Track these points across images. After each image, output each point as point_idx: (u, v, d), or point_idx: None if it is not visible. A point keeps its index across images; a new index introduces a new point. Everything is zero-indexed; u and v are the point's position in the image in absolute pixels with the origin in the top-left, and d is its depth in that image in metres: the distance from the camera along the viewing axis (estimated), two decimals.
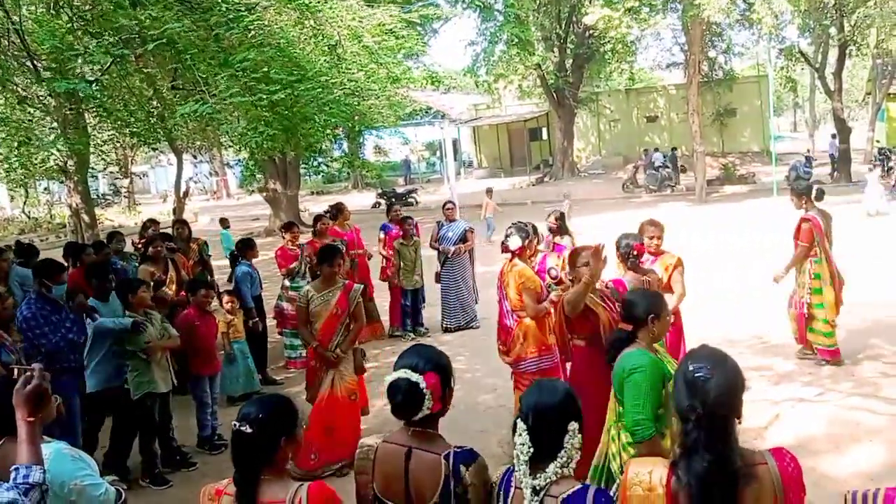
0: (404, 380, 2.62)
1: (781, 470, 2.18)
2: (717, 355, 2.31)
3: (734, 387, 2.22)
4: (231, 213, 32.81)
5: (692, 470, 2.14)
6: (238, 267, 8.64)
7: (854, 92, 47.04)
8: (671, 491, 2.20)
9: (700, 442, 2.15)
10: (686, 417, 2.19)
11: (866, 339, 7.91)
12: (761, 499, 2.15)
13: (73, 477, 2.96)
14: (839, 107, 26.76)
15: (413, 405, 2.61)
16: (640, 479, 2.26)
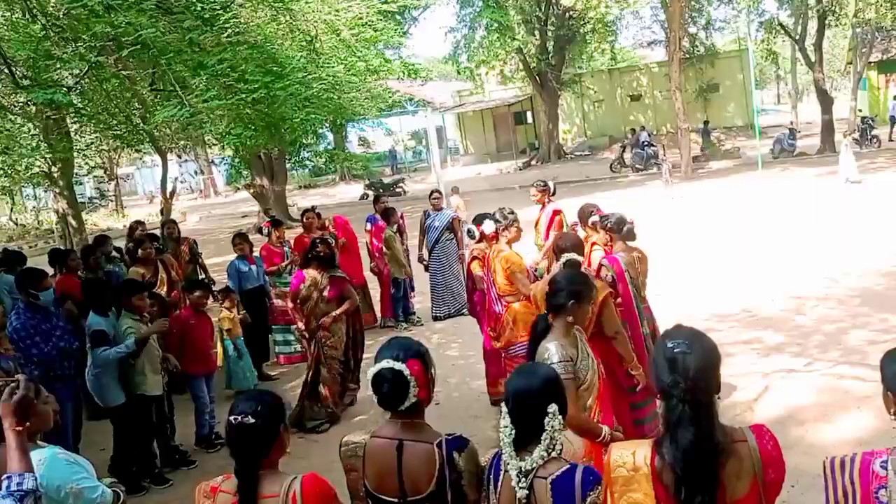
0: (388, 369, 2.64)
1: (761, 447, 2.21)
2: (693, 332, 2.34)
3: (713, 361, 2.25)
4: (220, 211, 32.83)
5: (678, 445, 2.17)
6: (230, 265, 8.69)
7: (835, 62, 47.14)
8: (655, 469, 2.23)
9: (685, 417, 2.18)
10: (669, 394, 2.21)
11: (853, 308, 7.99)
12: (741, 475, 2.18)
13: (69, 480, 3.01)
14: (821, 77, 26.83)
15: (400, 393, 2.63)
16: (623, 460, 2.29)
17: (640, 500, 2.24)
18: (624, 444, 2.35)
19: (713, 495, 2.16)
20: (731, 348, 7.42)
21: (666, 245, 12.10)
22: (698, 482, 2.15)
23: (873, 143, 24.34)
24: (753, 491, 2.18)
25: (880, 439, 5.02)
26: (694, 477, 2.15)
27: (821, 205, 15.25)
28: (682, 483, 2.17)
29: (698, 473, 2.15)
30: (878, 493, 2.07)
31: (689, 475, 2.16)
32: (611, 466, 2.29)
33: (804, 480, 4.63)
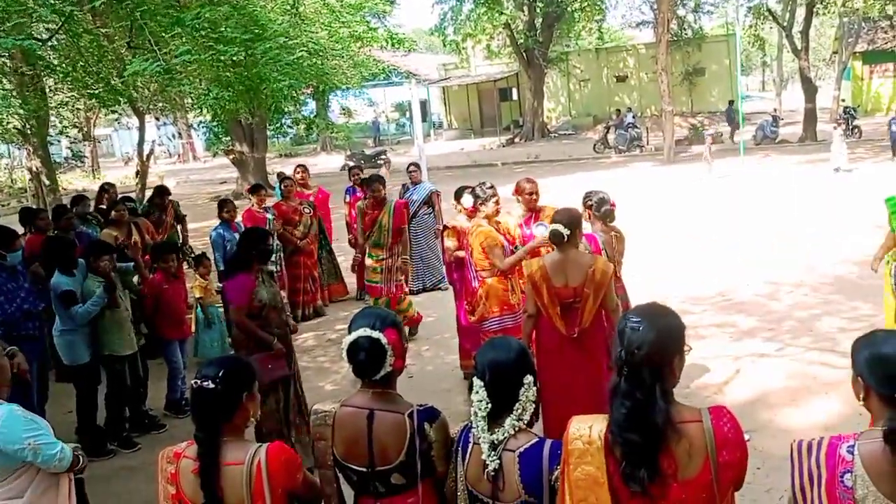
0: (365, 337, 2.61)
1: (716, 428, 2.18)
2: (655, 309, 2.32)
3: (662, 340, 2.21)
4: (198, 177, 32.53)
5: (613, 418, 2.19)
6: (214, 230, 8.57)
7: (821, 51, 47.41)
8: (608, 443, 2.23)
9: (622, 391, 2.18)
10: (616, 367, 2.23)
11: (826, 295, 8.06)
12: (692, 455, 2.17)
13: (25, 437, 2.99)
14: (806, 65, 26.89)
15: (376, 362, 2.61)
16: (580, 433, 2.29)
17: (593, 472, 2.24)
18: (583, 418, 2.35)
19: (653, 471, 2.15)
20: (704, 331, 7.48)
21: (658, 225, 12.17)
22: (637, 457, 2.16)
23: (855, 134, 24.49)
24: (705, 471, 2.17)
25: (847, 424, 5.08)
26: (631, 451, 2.16)
27: (802, 192, 15.35)
28: (623, 457, 2.18)
29: (635, 448, 2.15)
30: (843, 477, 2.06)
31: (626, 449, 2.17)
32: (568, 439, 2.29)
33: (771, 462, 4.69)
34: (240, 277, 5.12)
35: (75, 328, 5.82)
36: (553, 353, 4.61)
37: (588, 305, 4.47)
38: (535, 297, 4.59)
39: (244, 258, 5.21)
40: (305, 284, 9.35)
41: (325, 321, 9.28)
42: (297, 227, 9.22)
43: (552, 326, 4.59)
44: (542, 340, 4.69)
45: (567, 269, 4.52)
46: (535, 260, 4.85)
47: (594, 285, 4.46)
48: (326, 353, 8.06)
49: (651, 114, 33.88)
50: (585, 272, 4.47)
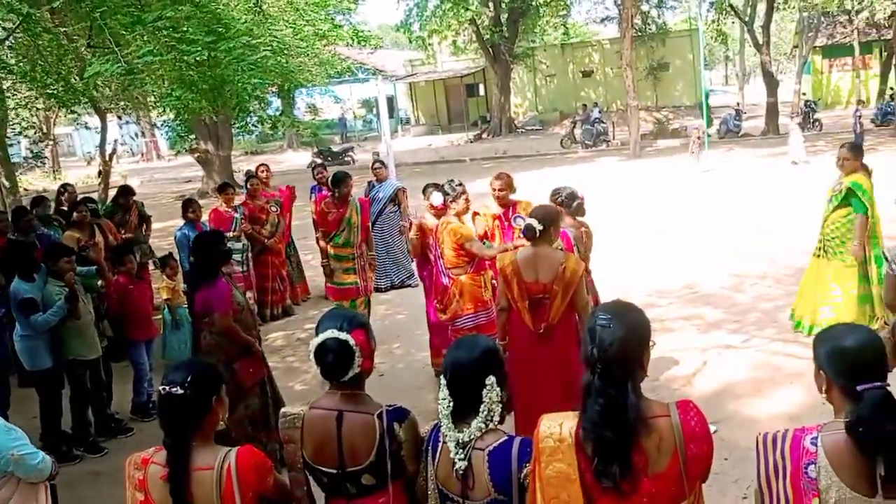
0: (332, 339, 2.59)
1: (684, 422, 2.22)
2: (621, 307, 2.35)
3: (632, 337, 2.24)
4: (162, 176, 32.10)
5: (587, 416, 2.21)
6: (179, 230, 8.44)
7: (782, 45, 48.05)
8: (579, 440, 2.25)
9: (595, 388, 2.20)
10: (591, 368, 2.24)
11: (788, 287, 8.19)
12: (662, 449, 2.20)
13: (9, 447, 2.96)
14: (767, 60, 27.31)
15: (344, 363, 2.59)
16: (551, 431, 2.30)
17: (564, 469, 2.25)
18: (553, 416, 2.37)
19: (626, 467, 2.18)
20: (671, 324, 7.57)
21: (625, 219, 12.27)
22: (610, 453, 2.18)
23: (815, 127, 24.94)
24: (674, 465, 2.20)
25: (810, 414, 5.18)
26: (604, 448, 2.18)
27: (764, 185, 15.59)
28: (595, 453, 2.20)
29: (608, 444, 2.17)
30: (807, 469, 2.10)
31: (599, 446, 2.18)
32: (539, 437, 2.31)
33: (737, 453, 4.76)
34: (219, 284, 5.06)
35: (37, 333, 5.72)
36: (522, 347, 4.63)
37: (556, 302, 4.49)
38: (506, 291, 4.63)
39: (210, 264, 5.14)
40: (274, 284, 9.28)
41: (295, 320, 9.22)
42: (264, 227, 9.14)
43: (521, 321, 4.62)
44: (513, 334, 4.72)
45: (538, 264, 4.54)
46: (507, 254, 4.88)
47: (563, 283, 4.48)
48: (296, 352, 8.01)
49: (617, 108, 34.16)
50: (556, 269, 4.49)
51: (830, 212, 6.65)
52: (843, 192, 6.50)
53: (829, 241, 6.67)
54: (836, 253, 6.62)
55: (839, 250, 6.61)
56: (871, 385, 2.05)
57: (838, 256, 6.62)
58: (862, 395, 2.05)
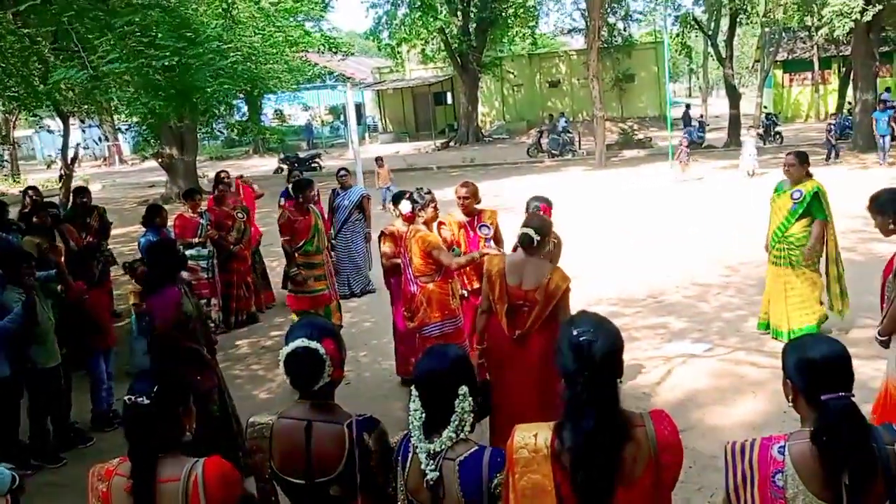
0: (303, 348, 2.57)
1: (658, 432, 2.25)
2: (598, 319, 2.37)
3: (617, 348, 2.28)
4: (124, 181, 31.62)
5: (580, 430, 2.19)
6: (143, 237, 8.29)
7: (744, 59, 49.00)
8: (555, 451, 2.25)
9: (588, 403, 2.20)
10: (574, 380, 2.24)
11: (751, 297, 8.32)
12: (638, 459, 2.22)
13: None
14: (730, 73, 27.82)
15: (315, 373, 2.57)
16: (525, 442, 2.30)
17: (539, 480, 2.25)
18: (527, 427, 2.37)
19: (611, 479, 2.19)
20: (636, 333, 7.63)
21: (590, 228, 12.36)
22: (597, 466, 2.19)
23: (776, 139, 25.42)
24: (649, 474, 2.23)
25: (772, 423, 5.26)
26: (593, 461, 2.18)
27: (725, 196, 15.85)
28: (581, 466, 2.20)
29: (598, 458, 2.18)
30: (774, 478, 2.14)
31: (588, 459, 2.19)
32: (513, 448, 2.31)
33: (701, 461, 4.81)
34: (166, 291, 4.98)
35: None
36: (498, 350, 4.63)
37: (535, 311, 4.47)
38: (489, 293, 4.61)
39: (164, 271, 5.08)
40: (239, 291, 9.19)
41: (260, 328, 9.13)
42: (230, 233, 9.05)
43: (500, 326, 4.60)
44: (491, 340, 4.70)
45: (524, 271, 4.53)
46: (496, 256, 4.90)
47: (546, 294, 4.46)
48: (261, 360, 7.93)
49: (583, 119, 34.49)
50: (541, 279, 4.48)
51: (792, 222, 6.79)
52: (806, 198, 6.66)
53: (793, 251, 6.81)
54: (800, 262, 6.79)
55: (803, 258, 6.77)
56: (835, 395, 2.09)
57: (803, 264, 6.78)
58: (827, 404, 2.09)
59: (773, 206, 7.06)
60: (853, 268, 7.86)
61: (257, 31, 9.21)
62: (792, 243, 6.82)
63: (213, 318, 8.47)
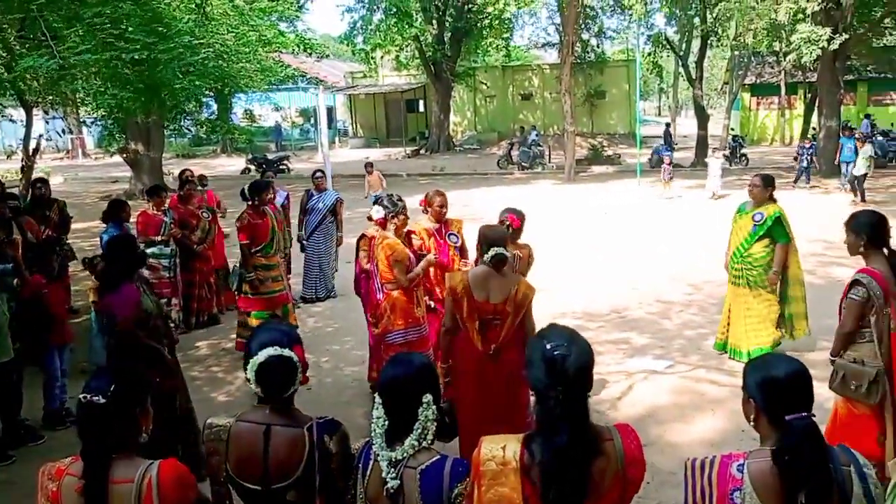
0: (277, 357, 2.54)
1: (625, 446, 2.27)
2: (570, 333, 2.37)
3: (590, 362, 2.30)
4: (87, 174, 31.11)
5: (553, 443, 2.19)
6: (104, 232, 8.12)
7: (713, 81, 49.81)
8: (524, 465, 2.24)
9: (561, 417, 2.20)
10: (546, 394, 2.23)
11: (713, 315, 8.42)
12: (607, 473, 2.23)
13: None
14: (699, 94, 28.25)
15: (289, 381, 2.57)
16: (493, 454, 2.29)
17: (507, 493, 2.25)
18: (494, 439, 2.35)
19: (583, 493, 2.19)
20: (599, 347, 7.67)
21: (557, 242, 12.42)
22: (568, 480, 2.18)
23: (742, 161, 25.82)
24: (616, 488, 2.24)
25: (731, 441, 5.32)
26: (565, 475, 2.18)
27: (691, 215, 16.06)
28: (552, 480, 2.19)
29: (570, 471, 2.18)
30: (733, 495, 2.15)
31: (560, 473, 2.18)
32: (480, 460, 2.29)
33: (660, 477, 4.84)
34: (124, 288, 4.87)
35: None
36: (469, 370, 4.53)
37: (507, 323, 4.44)
38: (455, 311, 4.52)
39: (122, 268, 4.98)
40: (201, 291, 9.07)
41: (220, 329, 9.01)
42: (194, 232, 8.93)
43: (469, 343, 4.52)
44: (459, 357, 4.59)
45: (490, 285, 4.48)
46: (458, 274, 4.80)
47: (515, 304, 4.44)
48: (220, 362, 7.81)
49: (554, 133, 34.75)
50: (508, 290, 4.45)
51: (751, 244, 6.89)
52: (767, 222, 6.77)
53: (751, 270, 6.91)
54: (758, 283, 6.89)
55: (761, 279, 6.87)
56: (797, 415, 2.11)
57: (760, 285, 6.89)
58: (789, 424, 2.11)
59: (735, 226, 7.17)
60: (812, 291, 7.98)
61: (230, 28, 9.11)
62: (750, 263, 6.92)
63: (174, 319, 8.35)
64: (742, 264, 6.98)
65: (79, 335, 7.53)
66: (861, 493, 2.14)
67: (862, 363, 4.15)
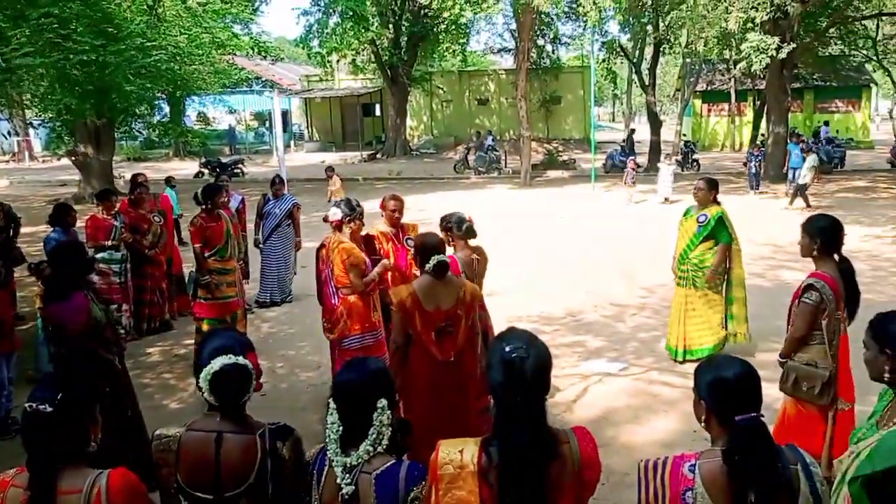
0: (231, 365, 2.50)
1: (582, 448, 2.30)
2: (528, 335, 2.39)
3: (548, 365, 2.32)
4: (34, 178, 30.34)
5: (511, 446, 2.20)
6: (48, 236, 7.89)
7: (666, 87, 50.69)
8: (482, 468, 2.25)
9: (519, 419, 2.22)
10: (504, 397, 2.24)
11: (666, 318, 8.54)
12: (563, 475, 2.25)
13: None
14: (652, 100, 28.73)
15: (244, 388, 2.54)
16: (450, 458, 2.29)
17: (465, 497, 2.25)
18: (451, 443, 2.35)
19: (540, 495, 2.20)
20: (554, 350, 7.60)
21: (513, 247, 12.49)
22: (526, 482, 2.19)
23: (693, 166, 26.30)
24: (572, 490, 2.27)
25: (683, 441, 5.40)
26: (523, 477, 2.19)
27: (644, 219, 16.30)
28: (510, 483, 2.20)
29: (528, 474, 2.19)
30: (685, 495, 2.19)
31: (518, 475, 2.19)
32: (437, 464, 2.29)
33: (613, 478, 4.89)
34: (74, 297, 4.76)
35: None
36: (428, 381, 4.41)
37: (462, 327, 4.40)
38: (407, 325, 4.38)
39: (70, 276, 4.85)
40: (152, 296, 8.90)
41: (172, 335, 8.86)
42: (145, 237, 8.77)
43: (424, 354, 4.41)
44: (415, 370, 4.45)
45: (438, 292, 4.41)
46: (403, 287, 4.64)
47: (465, 307, 4.41)
48: (173, 369, 7.68)
49: (510, 137, 34.95)
50: (456, 294, 4.42)
51: (696, 245, 7.03)
52: (711, 222, 6.92)
53: (696, 272, 7.05)
54: (703, 284, 7.03)
55: (704, 281, 7.01)
56: (747, 416, 2.16)
57: (705, 286, 7.02)
58: (739, 424, 2.15)
59: (681, 229, 7.31)
60: (760, 293, 8.18)
61: (183, 30, 8.97)
62: (696, 265, 7.07)
63: (124, 325, 8.19)
64: (687, 265, 7.13)
65: (25, 342, 7.33)
66: (808, 491, 2.19)
67: (815, 365, 4.25)
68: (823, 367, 4.22)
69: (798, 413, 4.33)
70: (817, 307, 4.20)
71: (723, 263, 6.99)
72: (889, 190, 20.49)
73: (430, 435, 4.24)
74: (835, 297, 4.17)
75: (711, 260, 6.99)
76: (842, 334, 4.25)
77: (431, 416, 4.35)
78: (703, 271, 7.02)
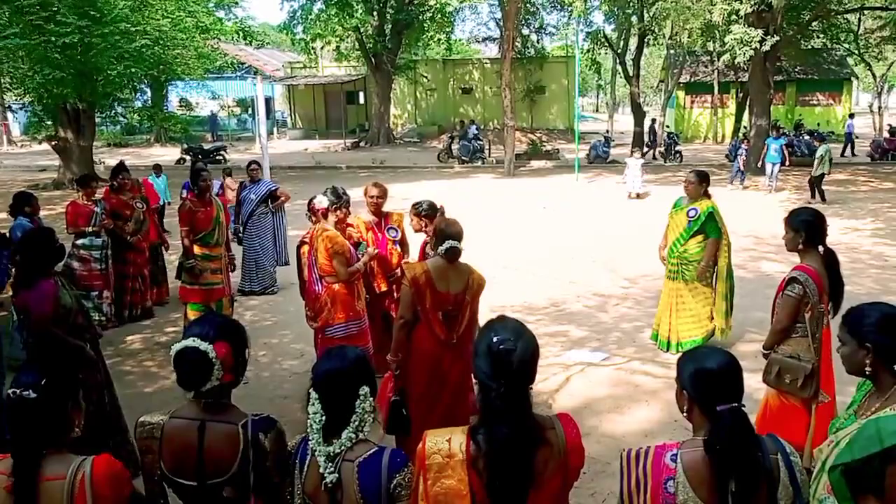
0: (192, 349, 2.49)
1: (567, 435, 2.33)
2: (516, 326, 2.40)
3: (534, 356, 2.34)
4: (13, 162, 30.00)
5: (496, 434, 2.22)
6: (14, 225, 7.76)
7: (650, 79, 50.84)
8: (470, 456, 2.26)
9: (504, 408, 2.23)
10: (490, 385, 2.26)
11: (648, 308, 8.61)
12: (549, 462, 2.28)
13: None
14: (636, 91, 28.85)
15: (200, 376, 2.50)
16: (438, 447, 2.30)
17: (454, 485, 2.26)
18: (439, 432, 2.37)
19: (527, 481, 2.23)
20: (538, 339, 7.75)
21: (497, 236, 12.52)
22: (514, 469, 2.22)
23: (676, 158, 26.44)
24: (558, 476, 2.29)
25: (664, 430, 5.46)
26: (510, 464, 2.21)
27: (628, 210, 16.37)
28: (497, 470, 2.22)
29: (514, 461, 2.21)
30: (666, 484, 2.21)
31: (505, 463, 2.21)
32: (425, 453, 2.30)
33: (595, 467, 4.94)
34: (41, 285, 4.69)
35: None
36: (430, 360, 4.48)
37: (467, 312, 4.49)
38: (417, 302, 4.43)
39: (39, 263, 4.80)
40: (134, 284, 8.84)
41: (155, 323, 8.81)
42: (127, 223, 8.70)
43: (429, 333, 4.46)
44: (419, 347, 4.51)
45: (449, 276, 4.49)
46: (419, 264, 4.76)
47: (472, 293, 4.52)
48: (154, 357, 7.63)
49: (494, 127, 34.95)
50: (466, 280, 4.50)
51: (686, 239, 7.09)
52: (701, 217, 6.96)
53: (686, 265, 7.10)
54: (693, 277, 7.09)
55: (695, 275, 7.08)
56: (728, 406, 2.19)
57: (696, 280, 7.09)
58: (721, 414, 2.18)
59: (671, 222, 7.35)
60: (742, 284, 8.24)
61: (167, 14, 8.89)
62: (686, 259, 7.12)
63: (105, 312, 8.13)
64: (678, 259, 7.17)
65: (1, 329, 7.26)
66: (787, 480, 2.22)
67: (798, 358, 4.29)
68: (806, 360, 4.27)
69: (780, 405, 4.38)
70: (800, 300, 4.24)
71: (713, 258, 7.04)
72: (868, 183, 20.70)
73: (428, 413, 4.34)
74: (818, 290, 4.22)
75: (701, 254, 7.04)
76: (824, 328, 4.30)
77: (430, 394, 4.45)
78: (693, 265, 7.07)
